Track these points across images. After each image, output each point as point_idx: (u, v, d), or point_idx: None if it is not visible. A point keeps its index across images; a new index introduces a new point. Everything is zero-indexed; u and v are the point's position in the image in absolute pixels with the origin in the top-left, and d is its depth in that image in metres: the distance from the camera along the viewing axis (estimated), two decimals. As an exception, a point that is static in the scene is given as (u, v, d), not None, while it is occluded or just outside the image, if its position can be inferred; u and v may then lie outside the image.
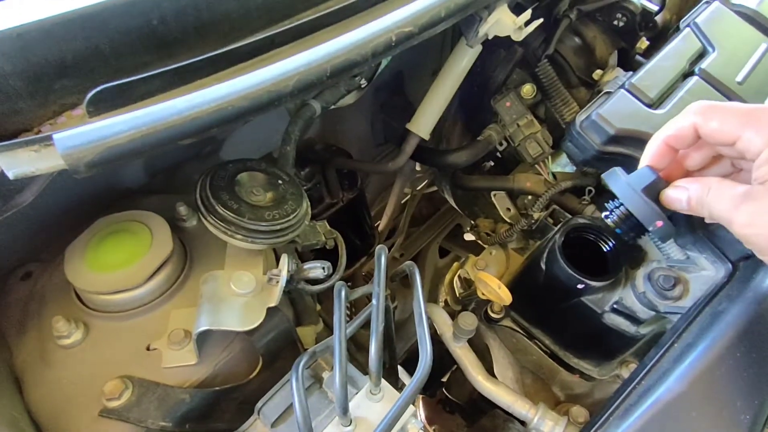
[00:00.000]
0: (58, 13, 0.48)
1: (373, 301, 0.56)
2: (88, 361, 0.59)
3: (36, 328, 0.63)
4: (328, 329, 0.80)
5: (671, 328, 0.65)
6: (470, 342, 0.92)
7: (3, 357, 0.61)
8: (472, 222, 1.05)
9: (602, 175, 0.60)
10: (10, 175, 0.43)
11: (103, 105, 0.48)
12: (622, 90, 0.69)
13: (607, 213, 0.60)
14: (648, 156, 0.54)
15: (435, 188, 1.54)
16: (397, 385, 0.77)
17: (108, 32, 0.51)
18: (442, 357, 0.92)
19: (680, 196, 0.53)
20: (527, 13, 0.71)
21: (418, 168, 1.40)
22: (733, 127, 0.48)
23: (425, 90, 0.93)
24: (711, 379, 0.58)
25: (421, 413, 1.62)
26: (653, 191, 0.54)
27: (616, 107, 0.68)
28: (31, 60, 0.48)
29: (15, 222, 0.64)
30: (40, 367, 0.60)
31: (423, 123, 0.88)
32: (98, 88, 0.47)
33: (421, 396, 1.55)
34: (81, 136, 0.43)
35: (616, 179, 0.56)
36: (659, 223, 0.55)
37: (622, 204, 0.58)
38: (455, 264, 0.92)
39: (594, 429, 0.59)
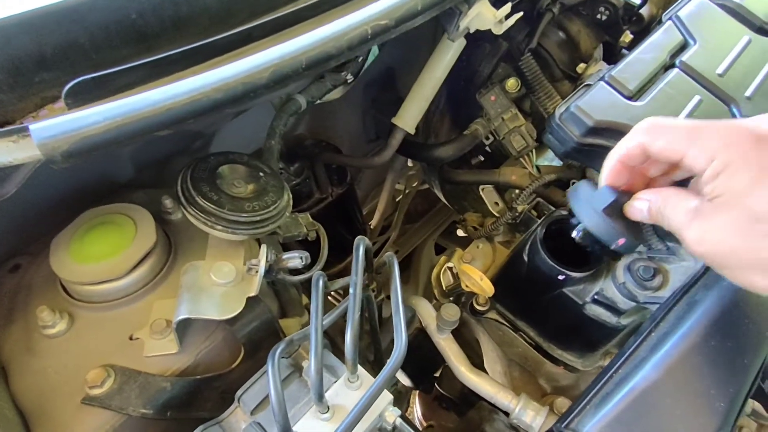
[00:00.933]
0: (38, 7, 0.49)
1: (351, 290, 0.57)
2: (72, 350, 0.60)
3: (22, 318, 0.64)
4: (314, 321, 0.80)
5: (649, 318, 0.66)
6: (461, 335, 0.93)
7: (-11, 347, 0.62)
8: (461, 216, 1.06)
9: (567, 193, 0.61)
10: (-12, 165, 0.44)
11: (81, 97, 0.49)
12: (601, 82, 0.70)
13: (574, 231, 0.62)
14: (605, 175, 0.56)
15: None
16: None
17: (87, 26, 0.52)
18: (436, 353, 0.93)
19: (641, 207, 0.54)
20: (507, 7, 0.72)
21: (410, 164, 1.41)
22: (679, 145, 0.48)
23: (415, 85, 0.94)
24: (686, 367, 0.58)
25: (418, 410, 1.63)
26: (615, 209, 0.56)
27: (595, 99, 0.68)
28: (11, 53, 0.49)
29: (3, 215, 0.66)
30: (26, 357, 0.61)
31: (408, 117, 0.89)
32: (76, 80, 0.48)
33: (417, 392, 1.56)
34: (56, 127, 0.44)
35: (577, 200, 0.58)
36: (621, 241, 0.57)
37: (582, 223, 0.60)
38: (442, 258, 0.93)
39: (571, 416, 0.59)
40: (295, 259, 0.61)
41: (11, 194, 0.54)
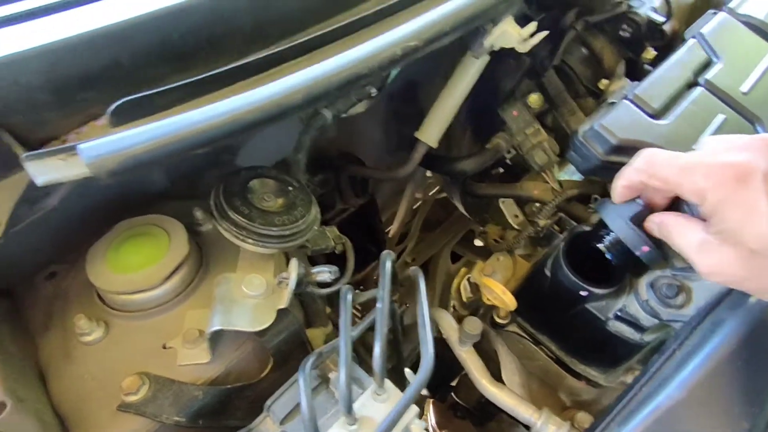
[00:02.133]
0: (84, 31, 0.51)
1: (378, 304, 0.58)
2: (107, 357, 0.62)
3: (60, 325, 0.66)
4: (338, 332, 0.82)
5: (673, 336, 0.66)
6: (479, 347, 0.93)
7: (29, 352, 0.64)
8: (481, 228, 1.07)
9: (595, 206, 0.67)
10: (39, 182, 0.46)
11: (124, 116, 0.51)
12: (625, 100, 0.70)
13: (602, 241, 0.69)
14: (613, 195, 0.61)
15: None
16: (404, 387, 0.79)
17: (129, 47, 0.54)
18: (452, 362, 0.94)
19: (652, 227, 0.60)
20: (532, 25, 0.73)
21: (429, 174, 1.42)
22: (673, 184, 0.53)
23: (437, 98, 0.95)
24: (710, 386, 0.59)
25: (432, 418, 1.63)
26: (640, 219, 0.61)
27: (618, 117, 0.69)
28: (58, 74, 0.51)
29: (41, 225, 0.68)
30: (63, 363, 0.63)
31: (431, 131, 0.90)
32: (120, 101, 0.50)
33: (431, 401, 1.56)
34: (104, 146, 0.46)
35: (606, 209, 0.63)
36: (645, 248, 0.62)
37: (611, 232, 0.67)
38: (462, 269, 0.94)
39: (595, 433, 0.60)
40: (324, 273, 0.63)
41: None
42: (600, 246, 0.69)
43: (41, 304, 0.70)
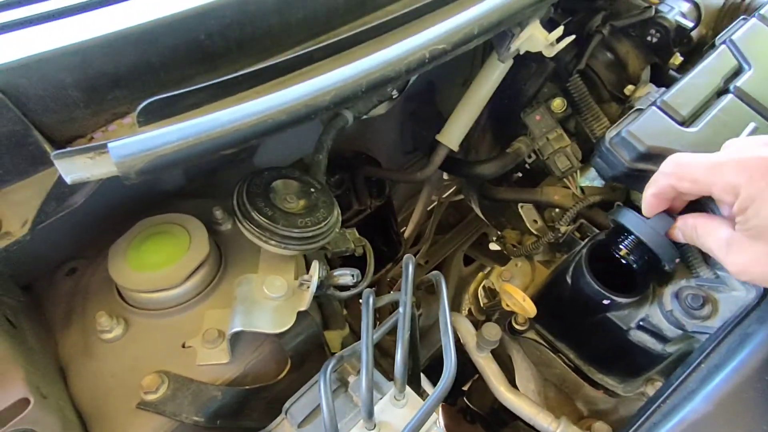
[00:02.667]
0: (115, 30, 0.51)
1: (400, 309, 0.58)
2: (127, 355, 0.63)
3: (80, 321, 0.66)
4: (354, 334, 0.81)
5: (698, 348, 0.65)
6: (493, 352, 0.93)
7: (49, 348, 0.64)
8: (498, 233, 1.06)
9: (617, 218, 0.68)
10: (68, 180, 0.46)
11: (152, 115, 0.51)
12: (653, 107, 0.69)
13: (621, 246, 0.70)
14: (645, 208, 0.62)
15: (461, 196, 1.55)
16: (420, 391, 0.79)
17: (159, 47, 0.54)
18: (464, 366, 0.93)
19: (676, 233, 0.60)
20: (559, 30, 0.72)
21: (445, 177, 1.41)
22: (704, 183, 0.52)
23: (455, 100, 0.95)
24: (738, 401, 0.57)
25: (441, 421, 1.62)
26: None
27: (646, 124, 0.68)
28: (89, 73, 0.51)
29: (65, 221, 0.68)
30: (83, 359, 0.63)
31: (452, 134, 0.90)
32: (149, 100, 0.50)
33: (441, 404, 1.56)
34: (133, 146, 0.46)
35: (634, 220, 0.65)
36: (678, 260, 0.64)
37: (630, 237, 0.68)
38: (480, 274, 0.93)
39: (616, 446, 0.59)
40: (346, 276, 0.62)
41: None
42: (621, 255, 0.69)
43: (61, 300, 0.70)
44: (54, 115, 0.50)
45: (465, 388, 1.28)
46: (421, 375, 0.84)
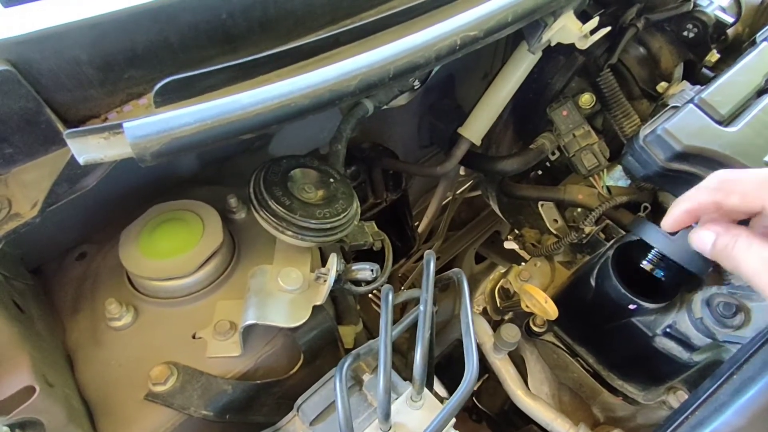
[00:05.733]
0: (133, 5, 0.49)
1: (420, 307, 0.56)
2: (136, 344, 0.61)
3: (89, 308, 0.65)
4: (367, 330, 0.79)
5: (730, 359, 0.62)
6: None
7: (57, 335, 0.63)
8: (516, 231, 1.03)
9: (640, 234, 0.67)
10: (81, 160, 0.44)
11: (168, 96, 0.49)
12: (691, 105, 0.66)
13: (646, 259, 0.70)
14: (669, 222, 0.54)
15: (476, 193, 1.52)
16: (432, 390, 0.76)
17: (178, 25, 0.52)
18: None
19: (707, 239, 0.51)
20: (594, 21, 0.69)
21: (462, 172, 1.38)
22: (756, 199, 0.47)
23: (475, 93, 0.92)
24: (774, 415, 0.55)
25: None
26: None
27: (683, 123, 0.65)
28: (105, 50, 0.49)
29: (76, 204, 0.66)
30: (91, 347, 0.61)
31: (475, 128, 0.87)
32: (166, 80, 0.47)
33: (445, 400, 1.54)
34: (149, 126, 0.43)
35: (661, 240, 0.65)
36: (710, 269, 0.62)
37: (654, 251, 0.67)
38: (497, 273, 0.90)
39: (641, 457, 0.56)
40: (365, 271, 0.60)
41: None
42: (648, 269, 0.68)
43: (71, 285, 0.68)
44: (67, 93, 0.48)
45: (474, 388, 1.26)
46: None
